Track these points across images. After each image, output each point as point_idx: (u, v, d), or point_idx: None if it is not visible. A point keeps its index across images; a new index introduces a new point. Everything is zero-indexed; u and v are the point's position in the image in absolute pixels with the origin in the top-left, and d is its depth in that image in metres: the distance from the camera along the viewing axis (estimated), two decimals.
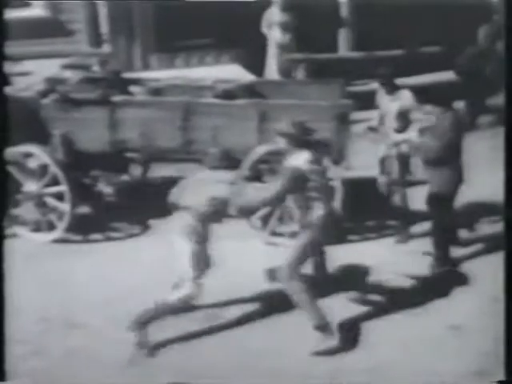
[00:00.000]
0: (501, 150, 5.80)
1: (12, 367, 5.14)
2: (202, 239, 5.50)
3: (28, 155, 6.90)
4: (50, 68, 7.57)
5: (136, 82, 7.64)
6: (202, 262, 5.52)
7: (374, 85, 7.48)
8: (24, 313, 5.75)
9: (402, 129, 7.01)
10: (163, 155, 6.99)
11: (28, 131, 6.89)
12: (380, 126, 7.29)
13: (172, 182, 7.33)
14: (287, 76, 9.10)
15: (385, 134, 7.14)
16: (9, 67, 7.35)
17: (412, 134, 6.57)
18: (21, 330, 5.59)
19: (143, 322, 5.54)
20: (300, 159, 5.60)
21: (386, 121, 7.18)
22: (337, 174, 6.80)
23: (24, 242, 6.79)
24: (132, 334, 5.51)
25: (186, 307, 5.52)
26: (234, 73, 8.52)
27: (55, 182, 6.86)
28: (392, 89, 7.15)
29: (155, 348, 5.48)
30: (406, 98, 7.08)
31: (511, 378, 5.00)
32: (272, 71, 9.18)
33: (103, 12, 9.30)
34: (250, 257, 6.53)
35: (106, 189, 7.12)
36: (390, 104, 7.14)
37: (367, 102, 7.57)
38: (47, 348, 5.52)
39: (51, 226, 6.95)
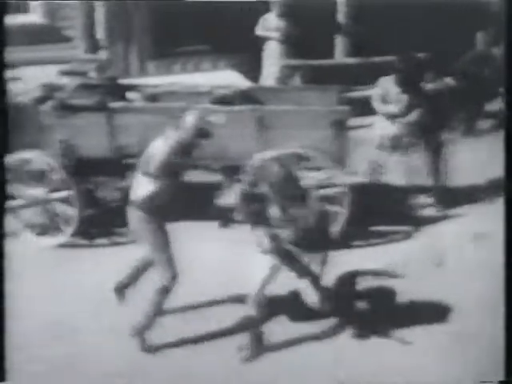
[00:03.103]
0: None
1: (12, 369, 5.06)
2: None
3: (28, 161, 6.91)
4: (47, 74, 7.57)
5: (133, 88, 7.64)
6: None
7: (371, 91, 7.52)
8: (29, 316, 5.76)
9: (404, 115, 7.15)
10: None
11: (27, 137, 6.92)
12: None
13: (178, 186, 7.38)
14: (284, 82, 9.11)
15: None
16: (5, 73, 7.36)
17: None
18: (24, 334, 5.60)
19: (140, 329, 5.56)
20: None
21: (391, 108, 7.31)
22: (342, 180, 6.81)
23: (29, 246, 6.81)
24: (134, 339, 5.53)
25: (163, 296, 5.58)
26: (230, 79, 8.54)
27: (60, 187, 6.88)
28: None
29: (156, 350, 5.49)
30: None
31: (511, 378, 5.01)
32: (268, 77, 9.18)
33: (100, 18, 9.31)
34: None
35: (110, 194, 7.14)
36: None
37: (364, 108, 7.61)
38: (50, 352, 5.52)
39: (58, 231, 6.97)
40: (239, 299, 5.98)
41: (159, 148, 5.73)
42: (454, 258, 6.37)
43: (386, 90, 7.41)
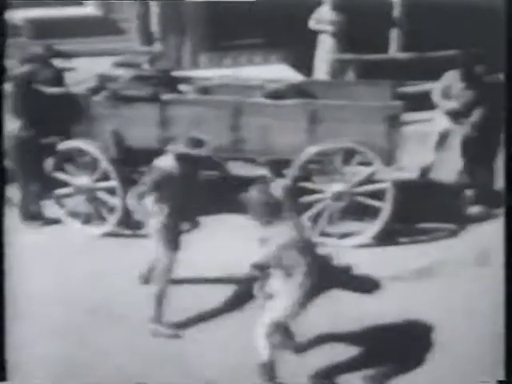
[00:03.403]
0: None
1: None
2: None
3: (79, 150, 6.98)
4: (102, 66, 7.66)
5: (185, 80, 7.67)
6: None
7: (426, 85, 7.41)
8: (72, 304, 5.84)
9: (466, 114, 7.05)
10: (213, 153, 6.98)
11: (79, 127, 7.01)
12: None
13: (220, 179, 7.41)
14: (336, 76, 9.04)
15: None
16: (60, 63, 7.48)
17: None
18: (66, 321, 5.68)
19: (156, 316, 5.67)
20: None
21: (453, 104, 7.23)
22: (387, 176, 6.74)
23: (74, 234, 6.88)
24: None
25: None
26: (282, 73, 8.51)
27: (106, 176, 6.93)
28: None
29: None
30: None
31: (511, 378, 4.93)
32: (321, 71, 9.13)
33: (154, 11, 9.38)
34: None
35: None
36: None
37: (418, 103, 7.50)
38: (91, 340, 5.59)
39: (102, 220, 7.05)
40: None
41: None
42: (497, 259, 6.22)
43: (449, 85, 7.27)
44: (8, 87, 6.81)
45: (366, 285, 6.22)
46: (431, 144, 7.50)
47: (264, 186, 5.47)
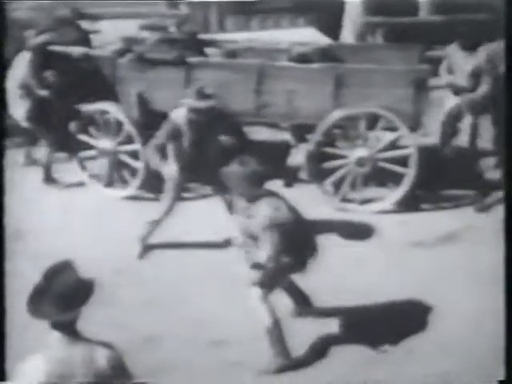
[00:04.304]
0: None
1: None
2: None
3: (103, 112, 7.00)
4: (128, 28, 7.64)
5: (212, 43, 7.64)
6: None
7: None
8: (98, 265, 5.90)
9: (472, 88, 6.86)
10: (237, 117, 6.97)
11: (103, 89, 7.02)
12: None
13: (247, 144, 7.40)
14: (364, 40, 8.92)
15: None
16: (86, 26, 7.48)
17: None
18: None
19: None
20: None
21: (457, 78, 7.02)
22: (412, 141, 6.67)
23: (96, 197, 6.95)
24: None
25: None
26: (309, 36, 8.41)
27: (130, 140, 6.96)
28: (470, 46, 6.95)
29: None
30: (482, 57, 6.87)
31: (511, 378, 4.90)
32: (348, 35, 9.01)
33: None
34: None
35: None
36: (465, 61, 6.95)
37: None
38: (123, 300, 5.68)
39: (124, 183, 7.09)
40: None
41: None
42: None
43: (452, 59, 7.12)
44: (27, 55, 6.87)
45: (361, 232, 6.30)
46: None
47: (246, 158, 5.24)
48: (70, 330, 3.13)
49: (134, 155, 6.98)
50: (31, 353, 3.22)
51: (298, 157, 7.02)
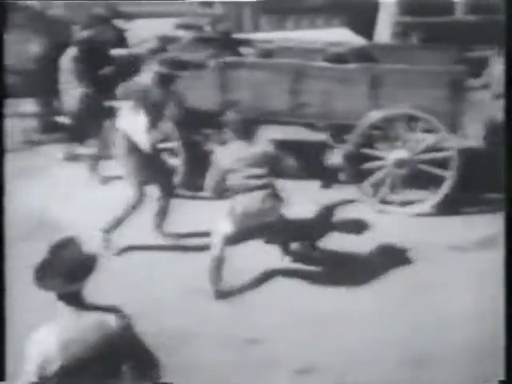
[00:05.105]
0: None
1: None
2: None
3: None
4: (162, 27, 7.66)
5: (246, 43, 7.64)
6: None
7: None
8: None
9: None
10: (272, 117, 6.96)
11: None
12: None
13: (279, 144, 7.37)
14: (399, 40, 8.86)
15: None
16: (121, 24, 7.51)
17: None
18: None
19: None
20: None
21: (494, 82, 6.95)
22: (453, 143, 6.60)
23: None
24: None
25: None
26: (344, 36, 8.38)
27: (167, 138, 6.94)
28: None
29: None
30: None
31: (511, 378, 4.84)
32: (383, 35, 8.96)
33: None
34: None
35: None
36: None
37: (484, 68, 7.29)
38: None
39: None
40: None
41: None
42: None
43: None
44: (72, 51, 6.91)
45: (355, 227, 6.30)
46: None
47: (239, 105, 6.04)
48: (76, 300, 3.27)
49: (172, 153, 6.98)
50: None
51: (336, 158, 6.99)
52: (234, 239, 5.64)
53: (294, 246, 6.01)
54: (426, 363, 5.01)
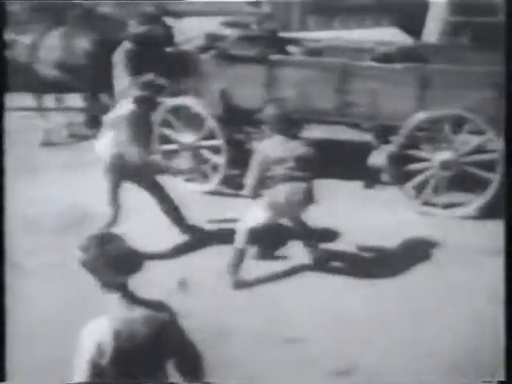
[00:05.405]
0: None
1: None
2: None
3: (186, 107, 7.05)
4: (210, 25, 7.70)
5: (293, 41, 7.63)
6: None
7: None
8: None
9: None
10: (317, 116, 6.94)
11: (187, 84, 7.08)
12: None
13: (325, 143, 7.36)
14: (449, 40, 8.74)
15: None
16: (171, 22, 7.57)
17: None
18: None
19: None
20: None
21: None
22: (499, 146, 6.50)
23: (177, 190, 6.94)
24: None
25: None
26: (393, 35, 8.30)
27: (211, 135, 7.00)
28: None
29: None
30: None
31: (511, 378, 4.72)
32: (432, 35, 8.84)
33: None
34: (399, 225, 6.42)
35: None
36: None
37: None
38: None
39: (205, 178, 7.13)
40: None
41: None
42: None
43: None
44: (126, 45, 6.99)
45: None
46: None
47: (280, 101, 6.07)
48: (125, 293, 3.30)
49: (216, 150, 7.01)
50: None
51: (379, 158, 6.93)
52: (257, 235, 5.69)
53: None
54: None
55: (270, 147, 5.62)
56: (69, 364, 3.31)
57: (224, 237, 6.04)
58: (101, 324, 3.24)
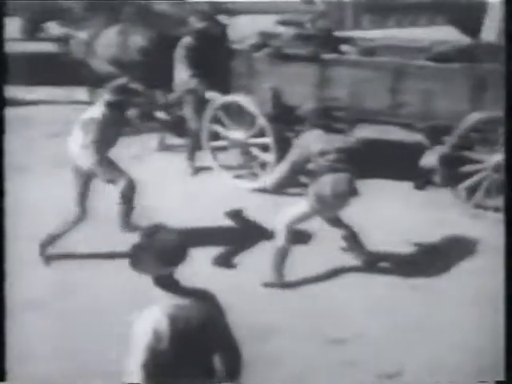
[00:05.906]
0: None
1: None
2: None
3: (237, 104, 7.06)
4: (264, 23, 7.72)
5: (347, 40, 7.58)
6: None
7: None
8: None
9: None
10: (370, 116, 6.88)
11: (239, 82, 7.11)
12: None
13: (376, 143, 7.30)
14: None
15: None
16: (224, 20, 7.61)
17: None
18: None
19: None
20: None
21: None
22: None
23: (225, 187, 7.05)
24: None
25: None
26: (449, 34, 8.18)
27: (261, 133, 7.00)
28: None
29: None
30: None
31: (511, 378, 4.59)
32: (491, 34, 8.68)
33: None
34: (450, 227, 6.34)
35: None
36: None
37: None
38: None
39: (254, 176, 7.15)
40: None
41: None
42: None
43: None
44: (187, 40, 7.06)
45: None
46: None
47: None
48: (172, 284, 3.32)
49: (265, 148, 7.01)
50: None
51: (430, 159, 6.83)
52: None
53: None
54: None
55: (309, 140, 5.60)
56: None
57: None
58: (154, 311, 3.25)
